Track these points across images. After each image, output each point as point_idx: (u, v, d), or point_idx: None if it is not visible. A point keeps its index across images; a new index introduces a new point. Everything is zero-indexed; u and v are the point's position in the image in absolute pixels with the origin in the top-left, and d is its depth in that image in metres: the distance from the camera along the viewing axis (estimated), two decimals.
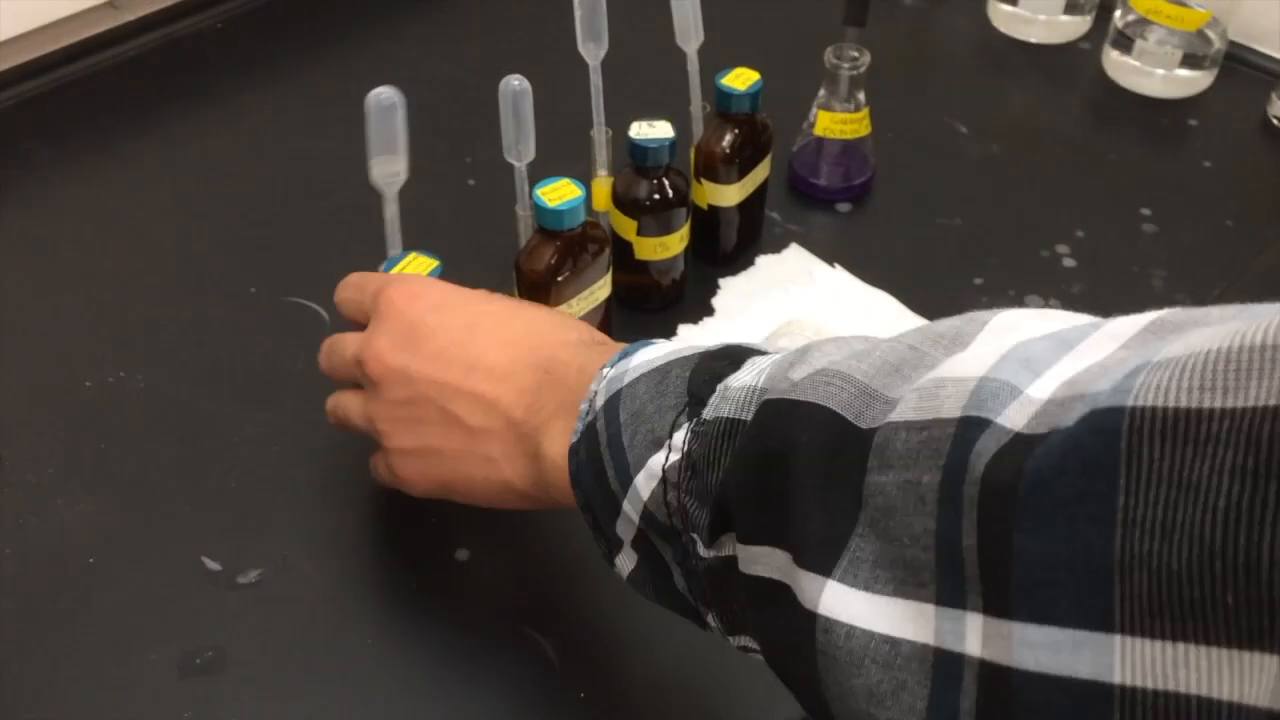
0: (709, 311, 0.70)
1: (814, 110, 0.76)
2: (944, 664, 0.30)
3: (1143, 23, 0.85)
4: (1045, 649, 0.27)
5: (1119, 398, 0.27)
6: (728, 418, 0.38)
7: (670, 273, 0.69)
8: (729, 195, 0.69)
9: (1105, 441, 0.26)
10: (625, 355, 0.44)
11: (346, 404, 0.54)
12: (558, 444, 0.45)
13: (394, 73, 0.89)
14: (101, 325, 0.69)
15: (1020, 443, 0.29)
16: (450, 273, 0.72)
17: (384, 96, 0.57)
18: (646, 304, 0.70)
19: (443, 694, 0.52)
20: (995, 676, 0.29)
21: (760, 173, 0.71)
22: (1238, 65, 0.89)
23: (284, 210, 0.77)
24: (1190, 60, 0.85)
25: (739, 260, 0.73)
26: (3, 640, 0.54)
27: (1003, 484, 0.28)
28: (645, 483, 0.40)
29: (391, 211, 0.60)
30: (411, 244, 0.77)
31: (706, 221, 0.71)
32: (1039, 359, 0.31)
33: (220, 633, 0.54)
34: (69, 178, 0.79)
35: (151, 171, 0.80)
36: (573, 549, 0.58)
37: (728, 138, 0.68)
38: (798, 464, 0.34)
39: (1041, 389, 0.30)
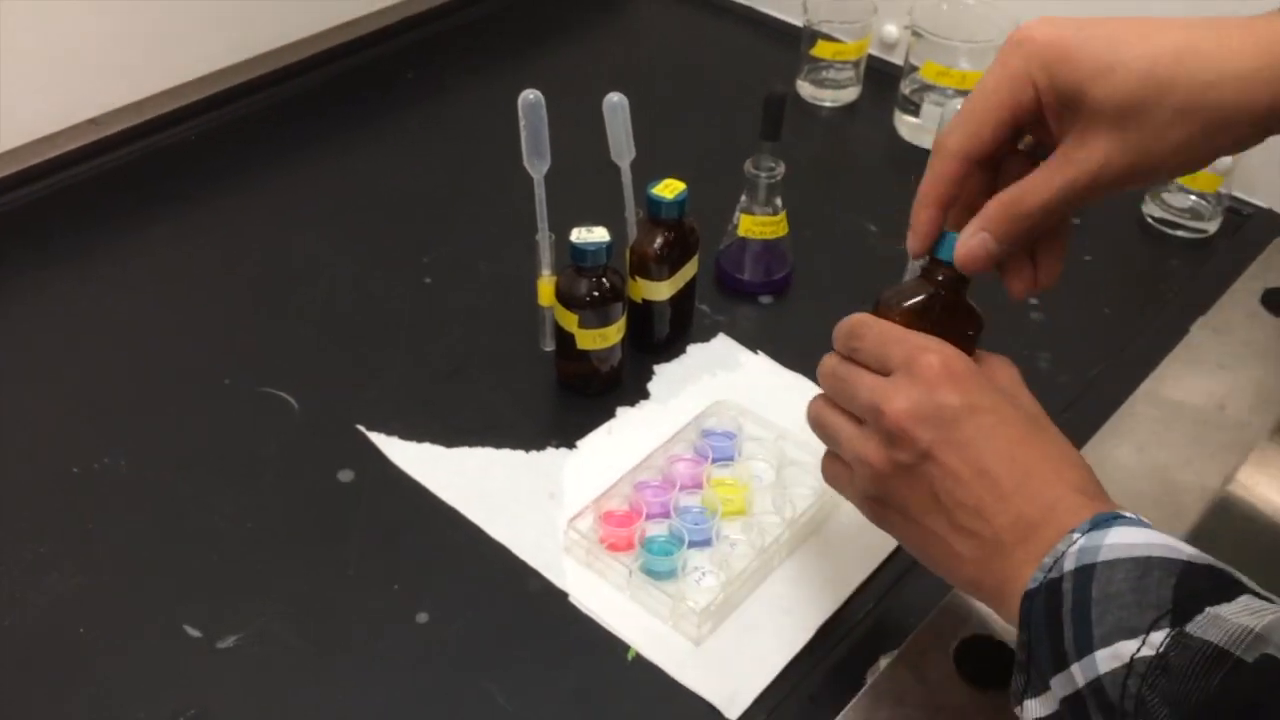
0: (645, 395, 0.78)
1: (737, 214, 0.84)
2: None
3: None
4: None
5: None
6: (1217, 645, 0.41)
7: (609, 360, 0.76)
8: (660, 291, 0.77)
9: None
10: (1098, 526, 0.46)
11: (837, 428, 0.55)
12: (1024, 577, 0.47)
13: (354, 181, 0.97)
14: (86, 415, 0.75)
15: None
16: (406, 360, 0.79)
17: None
18: (588, 389, 0.77)
19: None
20: None
21: (689, 270, 0.79)
22: None
23: (254, 307, 0.84)
24: None
25: (672, 348, 0.81)
26: (3, 703, 0.59)
27: None
28: (1107, 660, 0.43)
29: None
30: (365, 339, 0.83)
31: (641, 314, 0.79)
32: None
33: (202, 693, 0.60)
34: (55, 281, 0.86)
35: (131, 274, 0.87)
36: (520, 610, 0.64)
37: (658, 240, 0.76)
38: None
39: None
